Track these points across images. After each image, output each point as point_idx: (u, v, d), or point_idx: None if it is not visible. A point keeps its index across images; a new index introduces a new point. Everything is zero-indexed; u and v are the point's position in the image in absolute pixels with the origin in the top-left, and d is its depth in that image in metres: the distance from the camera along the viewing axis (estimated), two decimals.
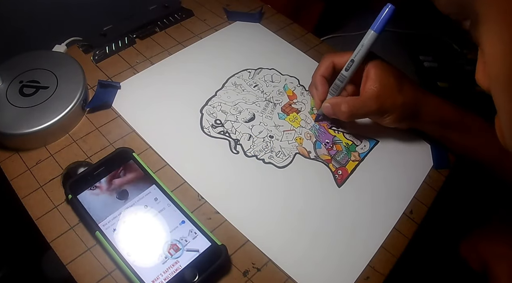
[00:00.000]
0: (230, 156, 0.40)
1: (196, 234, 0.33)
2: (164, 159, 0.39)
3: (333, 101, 0.40)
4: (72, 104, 0.40)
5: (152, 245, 0.33)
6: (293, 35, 0.54)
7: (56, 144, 0.40)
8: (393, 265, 0.35)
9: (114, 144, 0.40)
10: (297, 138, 0.43)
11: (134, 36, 0.50)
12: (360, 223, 0.37)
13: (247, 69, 0.49)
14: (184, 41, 0.51)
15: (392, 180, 0.41)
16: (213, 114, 0.44)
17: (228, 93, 0.46)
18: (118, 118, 0.42)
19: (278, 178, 0.39)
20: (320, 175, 0.40)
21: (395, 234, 0.37)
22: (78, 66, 0.43)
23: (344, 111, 0.38)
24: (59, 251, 0.33)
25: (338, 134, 0.44)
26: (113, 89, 0.44)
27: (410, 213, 0.39)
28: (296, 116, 0.45)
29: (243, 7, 0.57)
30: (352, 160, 0.42)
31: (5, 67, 0.42)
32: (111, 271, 0.32)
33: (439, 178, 0.42)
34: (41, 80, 0.41)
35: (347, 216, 0.38)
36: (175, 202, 0.35)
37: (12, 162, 0.38)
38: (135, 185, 0.36)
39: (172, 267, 0.32)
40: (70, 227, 0.34)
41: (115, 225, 0.33)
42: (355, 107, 0.38)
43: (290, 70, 0.50)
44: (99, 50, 0.47)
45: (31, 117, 0.38)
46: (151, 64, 0.48)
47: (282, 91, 0.47)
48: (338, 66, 0.41)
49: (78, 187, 0.35)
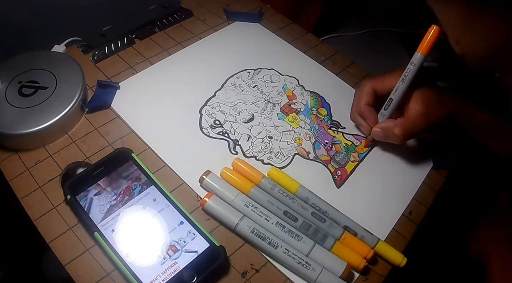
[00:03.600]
0: (229, 156, 0.40)
1: (194, 235, 0.33)
2: (163, 159, 0.39)
3: (384, 126, 0.39)
4: (71, 104, 0.40)
5: (151, 246, 0.33)
6: (292, 35, 0.54)
7: (55, 144, 0.40)
8: (392, 267, 0.35)
9: (113, 144, 0.40)
10: (296, 139, 0.43)
11: (134, 37, 0.50)
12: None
13: (247, 69, 0.49)
14: (183, 41, 0.51)
15: (391, 181, 0.41)
16: (212, 115, 0.44)
17: (227, 93, 0.46)
18: (117, 119, 0.42)
19: None
20: (319, 176, 0.40)
21: (394, 235, 0.37)
22: (77, 66, 0.43)
23: (398, 134, 0.38)
24: (58, 251, 0.33)
25: (337, 135, 0.44)
26: (112, 90, 0.44)
27: (409, 214, 0.39)
28: (295, 116, 0.45)
29: (243, 7, 0.56)
30: (351, 161, 0.42)
31: (4, 67, 0.41)
32: (110, 272, 0.32)
33: (439, 179, 0.42)
34: (40, 80, 0.41)
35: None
36: (173, 202, 0.35)
37: (11, 162, 0.38)
38: (133, 185, 0.36)
39: (171, 268, 0.32)
40: (69, 227, 0.34)
41: (114, 225, 0.33)
42: (408, 129, 0.38)
43: (289, 70, 0.49)
44: (99, 50, 0.47)
45: (30, 118, 0.38)
46: (150, 64, 0.47)
47: (282, 91, 0.47)
48: (379, 91, 0.40)
49: (77, 188, 0.35)
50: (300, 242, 0.34)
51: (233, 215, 0.35)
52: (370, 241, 0.35)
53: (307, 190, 0.38)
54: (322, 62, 0.51)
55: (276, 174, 0.38)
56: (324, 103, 0.47)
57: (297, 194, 0.37)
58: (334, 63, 0.51)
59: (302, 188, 0.38)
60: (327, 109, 0.46)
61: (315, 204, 0.37)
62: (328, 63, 0.51)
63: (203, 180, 0.37)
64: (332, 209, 0.37)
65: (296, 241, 0.34)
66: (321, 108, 0.46)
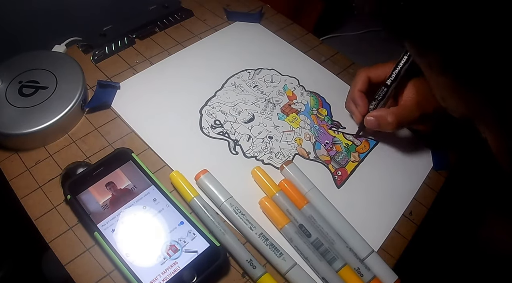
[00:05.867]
0: (229, 156, 0.40)
1: (194, 235, 0.33)
2: (163, 159, 0.39)
3: (377, 114, 0.39)
4: (71, 104, 0.39)
5: (151, 245, 0.33)
6: (293, 35, 0.54)
7: (55, 144, 0.39)
8: (392, 267, 0.35)
9: (113, 144, 0.40)
10: (296, 139, 0.43)
11: (134, 37, 0.50)
12: (359, 224, 0.37)
13: (247, 69, 0.49)
14: (183, 41, 0.51)
15: (391, 181, 0.41)
16: (212, 115, 0.44)
17: (227, 93, 0.46)
18: (117, 119, 0.42)
19: (277, 179, 0.39)
20: (319, 176, 0.40)
21: (394, 236, 0.37)
22: (77, 66, 0.43)
23: (391, 121, 0.38)
24: (58, 251, 0.33)
25: (337, 135, 0.44)
26: (113, 90, 0.44)
27: (409, 214, 0.39)
28: (295, 117, 0.45)
29: (243, 7, 0.56)
30: (352, 161, 0.42)
31: (4, 67, 0.41)
32: (110, 272, 0.32)
33: (439, 179, 0.42)
34: (41, 80, 0.41)
35: (346, 217, 0.37)
36: (174, 202, 0.35)
37: (11, 162, 0.38)
38: (133, 185, 0.36)
39: (171, 268, 0.32)
40: (69, 227, 0.34)
41: (114, 225, 0.33)
42: (401, 117, 0.38)
43: (290, 70, 0.49)
44: (99, 50, 0.47)
45: (31, 118, 0.38)
46: (151, 64, 0.47)
47: (282, 91, 0.47)
48: (373, 80, 0.41)
49: (77, 187, 0.35)
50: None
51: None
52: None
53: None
54: (323, 62, 0.51)
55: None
56: (325, 104, 0.47)
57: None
58: (335, 64, 0.51)
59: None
60: (327, 109, 0.46)
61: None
62: (329, 64, 0.51)
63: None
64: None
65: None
66: (322, 108, 0.46)
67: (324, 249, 0.34)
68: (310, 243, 0.34)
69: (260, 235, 0.34)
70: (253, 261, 0.33)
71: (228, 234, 0.33)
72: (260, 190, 0.38)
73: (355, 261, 0.34)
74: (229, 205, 0.35)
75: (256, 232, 0.34)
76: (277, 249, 0.33)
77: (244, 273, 0.33)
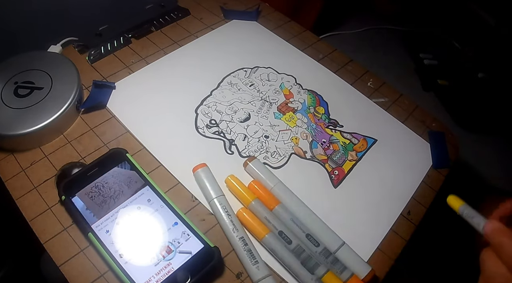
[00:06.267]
0: (224, 156, 0.40)
1: (189, 236, 0.33)
2: (158, 159, 0.39)
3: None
4: (66, 105, 0.39)
5: (145, 246, 0.32)
6: (290, 33, 0.53)
7: (51, 145, 0.39)
8: (390, 267, 0.35)
9: (108, 145, 0.40)
10: (293, 138, 0.43)
11: (130, 36, 0.50)
12: (356, 225, 0.37)
13: (243, 68, 0.48)
14: (180, 40, 0.50)
15: (389, 180, 0.41)
16: (208, 114, 0.43)
17: (223, 92, 0.46)
18: (112, 119, 0.42)
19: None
20: (316, 176, 0.40)
21: (392, 236, 0.37)
22: (72, 66, 0.43)
23: None
24: (53, 252, 0.33)
25: (335, 134, 0.44)
26: (108, 90, 0.44)
27: (408, 214, 0.38)
28: (292, 115, 0.45)
29: (240, 6, 0.56)
30: (349, 159, 0.41)
31: (0, 68, 0.41)
32: (104, 273, 0.32)
33: (439, 178, 0.42)
34: (36, 81, 0.41)
35: (343, 217, 0.37)
36: (168, 203, 0.35)
37: (7, 163, 0.38)
38: (128, 186, 0.36)
39: (165, 269, 0.31)
40: (63, 228, 0.34)
41: (108, 226, 0.33)
42: None
43: (287, 68, 0.49)
44: (95, 50, 0.47)
45: (26, 118, 0.38)
46: (147, 64, 0.47)
47: (279, 90, 0.47)
48: None
49: (72, 188, 0.35)
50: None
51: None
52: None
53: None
54: (320, 60, 0.51)
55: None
56: (322, 102, 0.46)
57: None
58: (332, 61, 0.51)
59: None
60: (324, 107, 0.46)
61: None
62: (326, 61, 0.51)
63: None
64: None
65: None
66: (319, 106, 0.46)
67: (306, 255, 0.33)
68: (291, 251, 0.33)
69: (240, 239, 0.33)
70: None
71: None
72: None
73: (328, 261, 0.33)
74: (218, 202, 0.35)
75: (238, 235, 0.33)
76: (253, 256, 0.33)
77: (239, 274, 0.33)
